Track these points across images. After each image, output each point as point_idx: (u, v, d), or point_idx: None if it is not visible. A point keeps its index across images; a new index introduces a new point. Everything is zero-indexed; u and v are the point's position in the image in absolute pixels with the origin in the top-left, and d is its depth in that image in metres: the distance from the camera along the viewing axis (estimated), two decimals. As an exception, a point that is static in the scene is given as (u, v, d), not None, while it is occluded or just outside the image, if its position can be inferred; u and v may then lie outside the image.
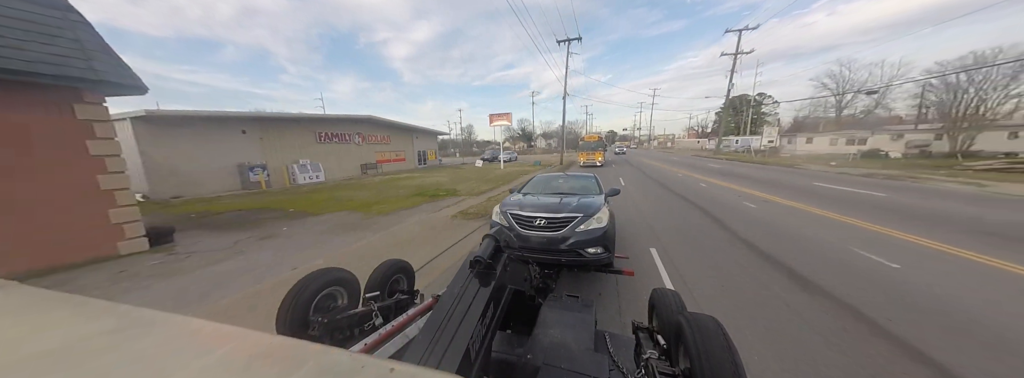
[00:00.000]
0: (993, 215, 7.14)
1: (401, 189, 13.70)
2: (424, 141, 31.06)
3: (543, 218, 3.95)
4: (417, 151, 29.56)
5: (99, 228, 5.30)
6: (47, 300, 0.67)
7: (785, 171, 18.32)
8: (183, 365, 0.45)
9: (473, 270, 1.28)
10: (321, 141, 19.60)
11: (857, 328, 3.02)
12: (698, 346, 0.98)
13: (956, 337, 2.86)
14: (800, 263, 4.63)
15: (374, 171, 23.21)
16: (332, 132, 20.30)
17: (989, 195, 9.70)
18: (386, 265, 2.10)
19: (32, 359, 0.47)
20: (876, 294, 3.66)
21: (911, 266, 4.43)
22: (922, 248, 5.16)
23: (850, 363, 2.56)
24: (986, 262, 4.49)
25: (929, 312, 3.28)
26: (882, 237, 5.77)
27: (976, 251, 4.88)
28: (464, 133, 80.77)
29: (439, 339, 0.96)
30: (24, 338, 0.54)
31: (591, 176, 6.02)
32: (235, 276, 4.57)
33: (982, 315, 3.20)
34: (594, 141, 27.38)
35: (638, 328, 1.58)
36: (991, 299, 3.51)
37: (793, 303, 3.52)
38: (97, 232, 5.28)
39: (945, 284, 3.87)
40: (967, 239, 5.45)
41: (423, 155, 30.55)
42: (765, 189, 11.47)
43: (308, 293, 1.57)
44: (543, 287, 2.23)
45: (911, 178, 13.16)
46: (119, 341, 0.53)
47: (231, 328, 0.56)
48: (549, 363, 1.29)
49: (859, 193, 10.34)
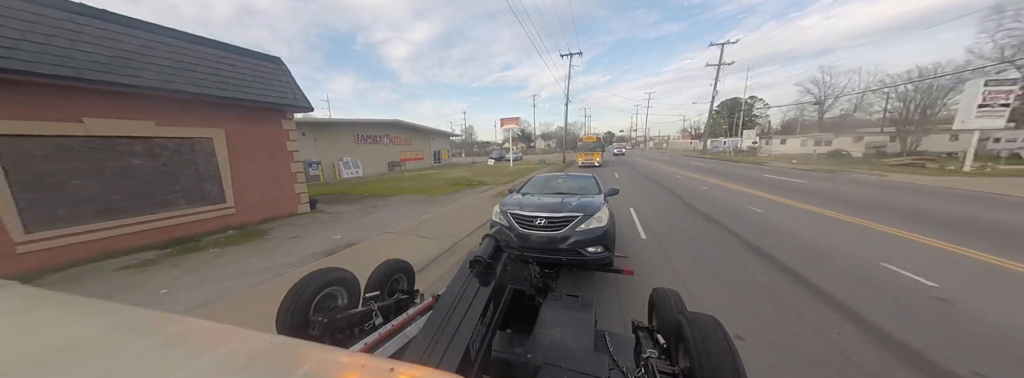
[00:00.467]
0: (852, 190, 10.62)
1: (437, 181, 16.99)
2: (439, 142, 34.39)
3: (543, 217, 4.00)
4: (433, 151, 32.90)
5: (290, 196, 8.59)
6: (47, 300, 0.66)
7: (752, 167, 21.83)
8: (183, 365, 0.45)
9: (473, 270, 1.28)
10: (358, 142, 22.86)
11: (731, 240, 6.38)
12: (698, 345, 0.99)
13: (810, 258, 6.23)
14: (710, 211, 8.04)
15: (399, 168, 26.48)
16: (366, 134, 23.58)
17: (874, 181, 13.23)
18: (386, 265, 2.11)
19: (32, 359, 0.46)
20: (744, 226, 7.01)
21: (770, 213, 7.84)
22: (786, 205, 8.57)
23: (723, 250, 5.92)
24: (818, 211, 7.90)
25: (770, 232, 6.66)
26: (769, 201, 9.19)
27: (818, 207, 8.29)
28: (464, 134, 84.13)
29: (439, 339, 0.96)
30: (24, 338, 0.53)
31: (590, 176, 6.22)
32: (380, 223, 7.86)
33: (797, 232, 6.59)
34: (592, 142, 28.38)
35: (638, 327, 1.59)
36: (803, 223, 6.90)
37: (702, 228, 6.90)
38: (290, 198, 8.57)
39: (785, 221, 7.25)
40: (818, 202, 8.88)
41: (438, 154, 33.87)
42: (723, 179, 14.92)
43: (308, 293, 1.58)
44: (543, 287, 2.22)
45: (841, 172, 16.69)
46: (119, 341, 0.52)
47: (231, 328, 0.56)
48: (549, 362, 1.29)
49: (788, 180, 13.81)
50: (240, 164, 7.39)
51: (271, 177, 8.12)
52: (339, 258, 5.09)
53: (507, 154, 34.10)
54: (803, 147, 37.72)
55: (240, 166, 7.39)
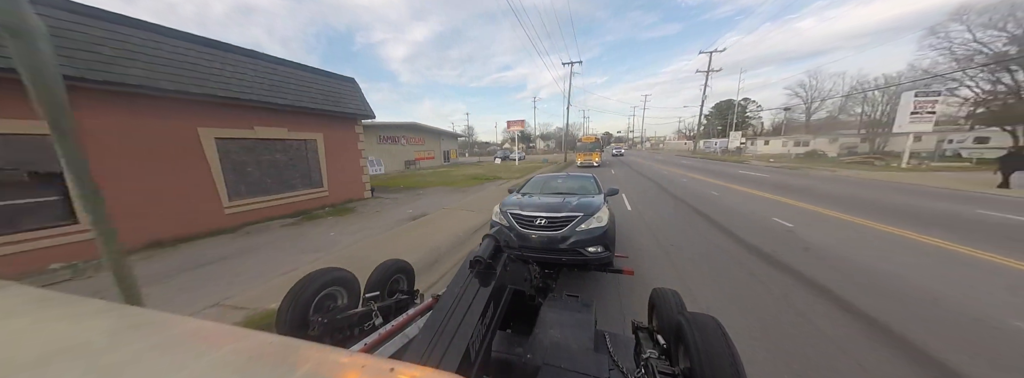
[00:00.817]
0: (796, 181, 13.38)
1: (456, 176, 19.56)
2: (447, 142, 36.98)
3: (543, 217, 4.04)
4: (443, 150, 35.48)
5: (359, 184, 11.15)
6: (47, 300, 0.66)
7: (732, 165, 24.61)
8: (183, 365, 0.45)
9: (473, 270, 1.29)
10: (380, 142, 25.40)
11: (687, 210, 9.03)
12: (698, 346, 1.00)
13: (726, 214, 8.90)
14: (681, 195, 10.71)
15: (414, 166, 29.01)
16: (387, 135, 26.12)
17: (823, 175, 16.02)
18: (386, 265, 2.14)
19: (32, 359, 0.47)
20: (705, 204, 9.63)
21: (725, 196, 10.51)
22: (738, 191, 11.23)
23: (680, 216, 8.57)
24: (758, 194, 10.57)
25: (724, 210, 9.32)
26: (727, 188, 11.86)
27: (761, 192, 10.96)
28: (465, 134, 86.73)
29: (439, 339, 0.97)
30: (24, 338, 0.54)
31: (590, 176, 6.31)
32: (433, 204, 10.43)
33: (739, 207, 9.25)
34: (591, 142, 29.20)
35: (638, 328, 1.59)
36: (740, 201, 9.57)
37: (671, 204, 9.56)
38: (359, 186, 11.13)
39: (735, 201, 9.90)
40: (765, 189, 11.56)
41: (447, 154, 36.46)
42: (703, 174, 17.64)
43: (308, 293, 1.59)
44: (543, 287, 2.26)
45: (804, 168, 19.47)
46: (119, 341, 0.52)
47: (231, 328, 0.56)
48: (549, 363, 1.30)
49: (754, 174, 16.53)
50: (331, 159, 9.94)
51: (348, 169, 10.67)
52: (423, 222, 7.66)
53: (511, 153, 36.90)
54: (784, 147, 40.75)
55: (331, 160, 9.94)
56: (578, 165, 26.80)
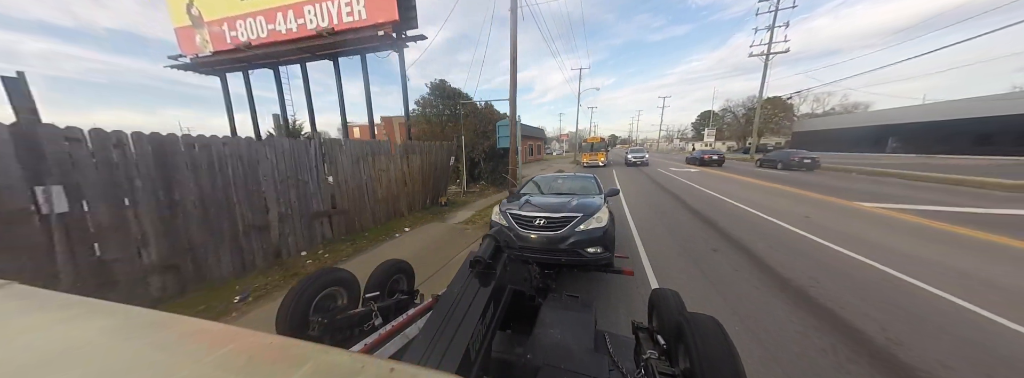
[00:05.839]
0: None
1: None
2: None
3: (543, 218, 4.11)
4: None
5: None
6: (47, 300, 0.67)
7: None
8: (183, 365, 0.46)
9: (473, 270, 1.32)
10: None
11: (647, 181, 19.15)
12: (698, 346, 1.02)
13: (671, 185, 20.13)
14: (658, 178, 24.03)
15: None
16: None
17: None
18: (386, 265, 2.18)
19: (32, 359, 0.47)
20: (664, 180, 23.38)
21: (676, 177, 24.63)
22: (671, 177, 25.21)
23: (650, 188, 17.99)
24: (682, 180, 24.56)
25: (676, 184, 23.29)
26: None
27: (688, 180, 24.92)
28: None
29: (439, 339, 0.98)
30: (24, 338, 0.54)
31: (590, 176, 6.41)
32: (546, 166, 24.71)
33: (671, 181, 23.32)
34: (597, 142, 31.30)
35: (638, 328, 1.63)
36: (682, 173, 23.61)
37: (641, 177, 21.67)
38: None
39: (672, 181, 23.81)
40: (700, 177, 25.56)
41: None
42: (683, 167, 31.34)
43: (308, 293, 1.63)
44: (543, 287, 2.31)
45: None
46: (119, 341, 0.53)
47: (231, 328, 0.57)
48: (549, 363, 1.32)
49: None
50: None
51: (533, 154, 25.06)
52: (549, 164, 21.88)
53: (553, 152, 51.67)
54: (706, 146, 59.09)
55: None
56: (584, 165, 27.94)
